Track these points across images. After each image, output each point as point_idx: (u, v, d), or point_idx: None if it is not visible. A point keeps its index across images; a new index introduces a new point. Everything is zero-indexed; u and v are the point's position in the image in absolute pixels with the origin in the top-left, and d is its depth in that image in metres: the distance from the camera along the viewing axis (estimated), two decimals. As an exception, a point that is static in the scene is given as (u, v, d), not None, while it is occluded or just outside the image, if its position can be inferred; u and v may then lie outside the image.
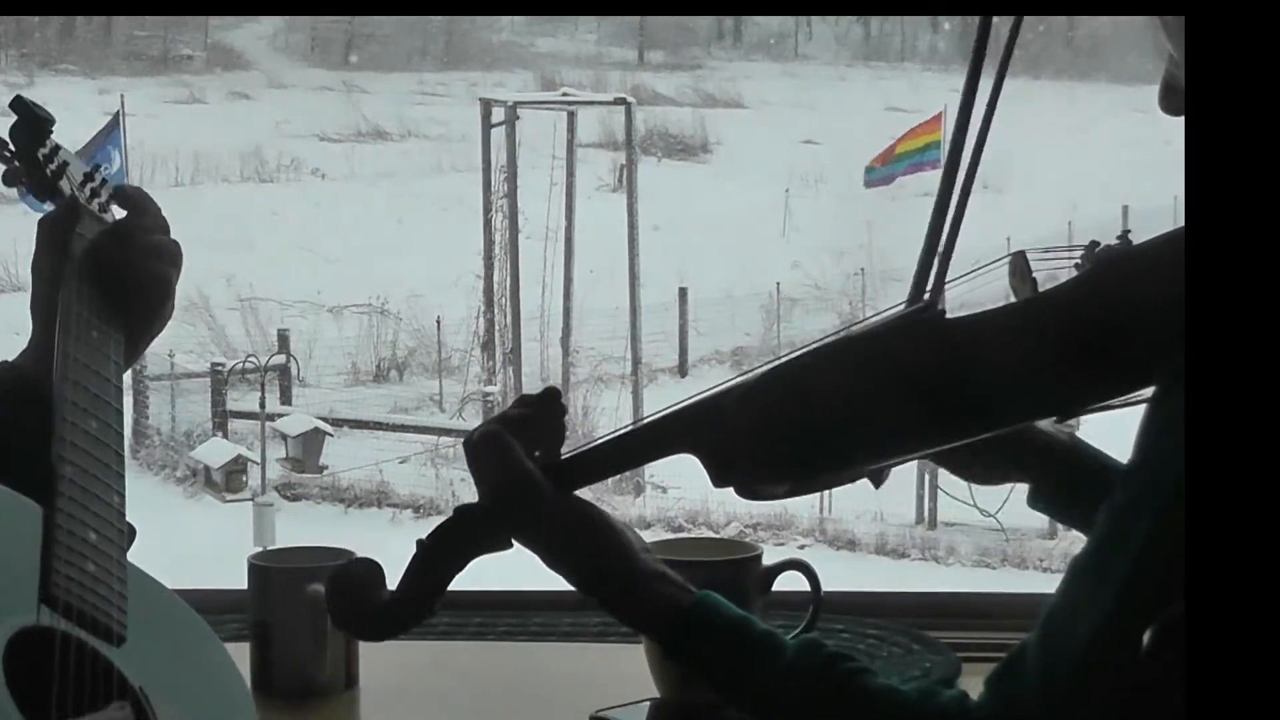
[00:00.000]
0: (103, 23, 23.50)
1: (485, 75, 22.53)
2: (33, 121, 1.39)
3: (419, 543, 1.24)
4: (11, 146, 1.39)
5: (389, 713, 1.56)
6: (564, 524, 1.23)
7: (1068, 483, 1.40)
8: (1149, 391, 1.08)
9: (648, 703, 1.49)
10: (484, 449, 1.24)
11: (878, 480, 1.30)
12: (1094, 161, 18.07)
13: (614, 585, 1.23)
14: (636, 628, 1.26)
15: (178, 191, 17.96)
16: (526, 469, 1.23)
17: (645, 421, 1.26)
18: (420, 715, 1.56)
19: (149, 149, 17.47)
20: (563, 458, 1.26)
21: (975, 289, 1.24)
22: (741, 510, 10.24)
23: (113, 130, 11.41)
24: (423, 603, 1.24)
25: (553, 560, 1.24)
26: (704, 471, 1.22)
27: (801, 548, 9.88)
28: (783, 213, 18.14)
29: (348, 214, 17.56)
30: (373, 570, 1.25)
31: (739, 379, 1.22)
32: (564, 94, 14.78)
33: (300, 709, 1.53)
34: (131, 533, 1.21)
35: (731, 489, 1.22)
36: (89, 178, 1.42)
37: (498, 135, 12.54)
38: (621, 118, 14.23)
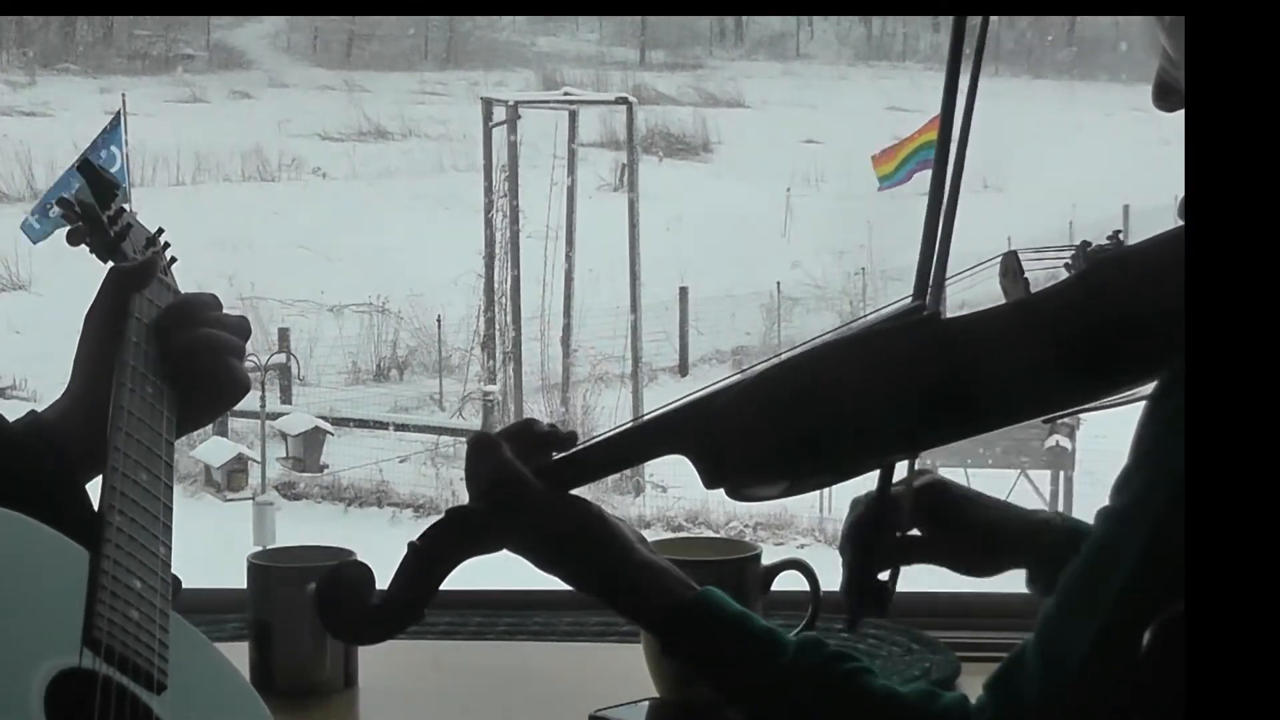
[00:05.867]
0: (104, 22, 23.50)
1: (486, 74, 22.51)
2: (99, 184, 1.43)
3: (410, 544, 1.24)
4: (78, 208, 1.43)
5: (389, 712, 1.56)
6: (557, 524, 1.23)
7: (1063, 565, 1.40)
8: (1144, 390, 1.08)
9: (647, 702, 1.49)
10: (476, 451, 1.24)
11: (883, 608, 1.33)
12: (1094, 161, 18.06)
13: (612, 582, 1.23)
14: (636, 623, 1.26)
15: (179, 190, 17.96)
16: (517, 471, 1.23)
17: (637, 422, 1.26)
18: (420, 715, 1.56)
19: (150, 148, 17.46)
20: (554, 459, 1.26)
21: (970, 288, 1.24)
22: (741, 510, 10.23)
23: (114, 129, 11.40)
24: (414, 605, 1.24)
25: (547, 563, 1.23)
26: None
27: (801, 547, 9.87)
28: (784, 212, 18.13)
29: (349, 213, 17.55)
30: (363, 573, 1.25)
31: (730, 379, 1.22)
32: (565, 93, 14.78)
33: (300, 708, 1.53)
34: (177, 584, 1.22)
35: (723, 490, 1.22)
36: (151, 242, 1.46)
37: (499, 134, 12.53)
38: (623, 117, 14.23)
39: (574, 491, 1.26)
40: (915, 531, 1.39)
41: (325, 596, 1.25)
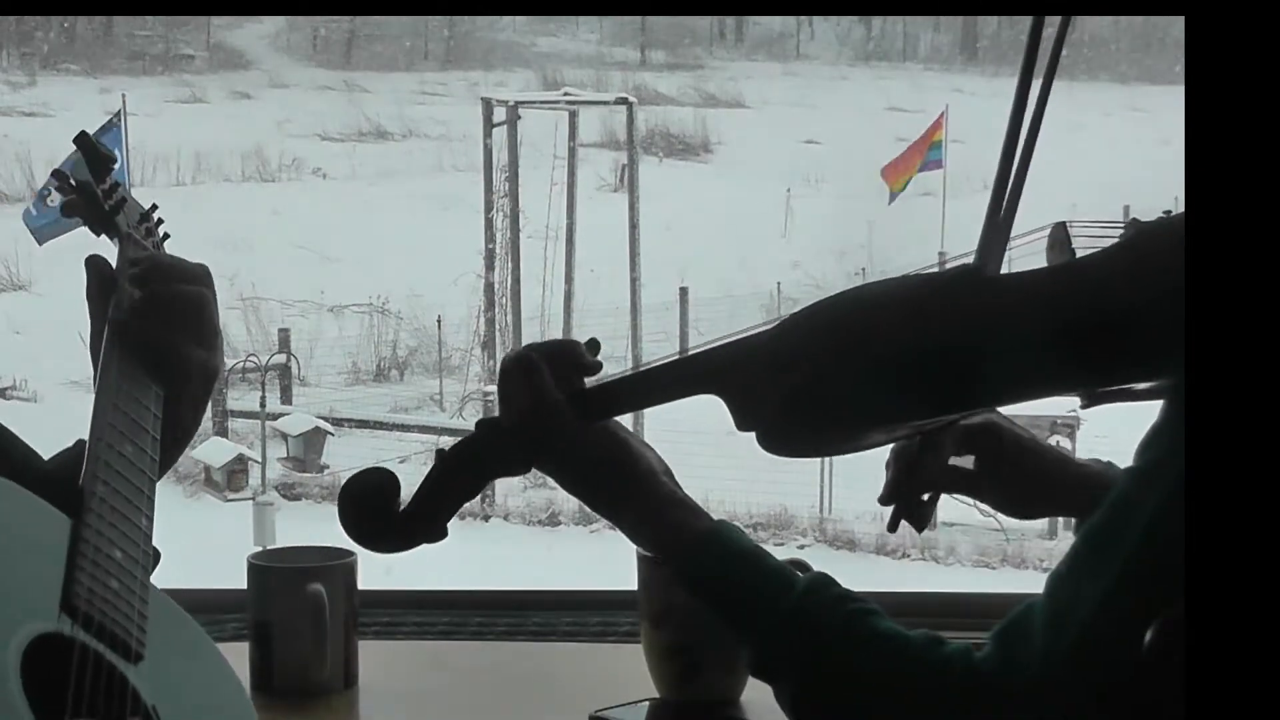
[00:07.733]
0: (104, 22, 23.51)
1: (486, 75, 22.55)
2: (95, 158, 1.43)
3: (439, 452, 1.25)
4: (74, 180, 1.43)
5: (389, 712, 1.56)
6: (585, 454, 1.24)
7: None
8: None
9: (647, 702, 1.49)
10: (513, 371, 1.24)
11: (920, 524, 1.33)
12: (1094, 161, 18.07)
13: (633, 509, 1.24)
14: (652, 550, 1.26)
15: (179, 191, 17.97)
16: (554, 400, 1.23)
17: (673, 359, 1.26)
18: (420, 715, 1.56)
19: (151, 148, 17.48)
20: (589, 387, 1.26)
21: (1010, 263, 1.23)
22: (741, 510, 10.24)
23: (113, 129, 11.40)
24: (436, 517, 1.24)
25: (572, 485, 1.24)
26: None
27: (801, 547, 9.87)
28: (784, 212, 18.14)
29: (349, 213, 17.56)
30: (388, 480, 1.25)
31: (771, 323, 1.21)
32: (565, 94, 14.78)
33: (300, 709, 1.53)
34: (156, 556, 1.22)
35: (754, 437, 1.21)
36: (145, 217, 1.46)
37: (499, 135, 12.53)
38: (623, 117, 14.23)
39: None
40: (963, 461, 1.39)
41: (349, 501, 1.24)
